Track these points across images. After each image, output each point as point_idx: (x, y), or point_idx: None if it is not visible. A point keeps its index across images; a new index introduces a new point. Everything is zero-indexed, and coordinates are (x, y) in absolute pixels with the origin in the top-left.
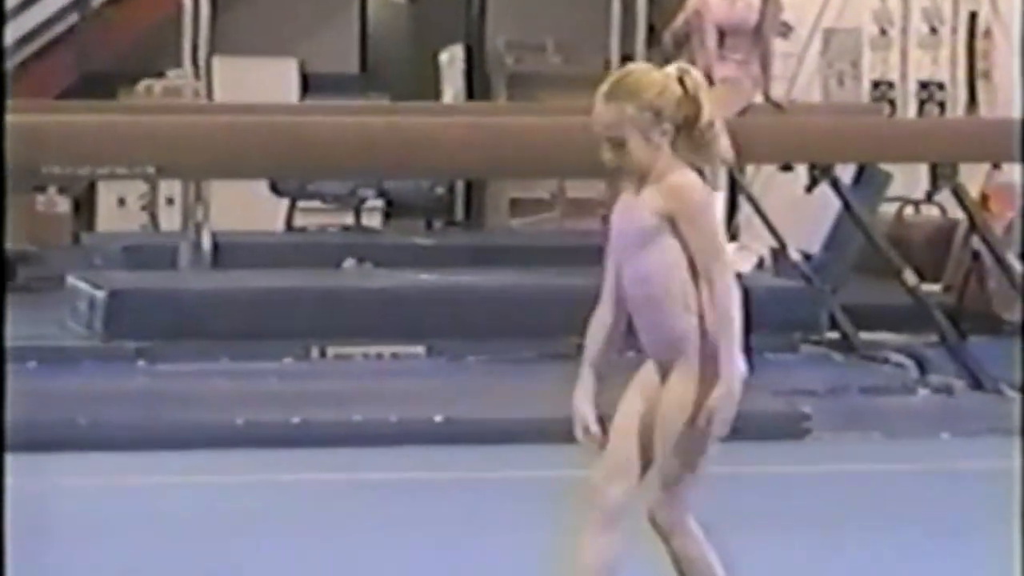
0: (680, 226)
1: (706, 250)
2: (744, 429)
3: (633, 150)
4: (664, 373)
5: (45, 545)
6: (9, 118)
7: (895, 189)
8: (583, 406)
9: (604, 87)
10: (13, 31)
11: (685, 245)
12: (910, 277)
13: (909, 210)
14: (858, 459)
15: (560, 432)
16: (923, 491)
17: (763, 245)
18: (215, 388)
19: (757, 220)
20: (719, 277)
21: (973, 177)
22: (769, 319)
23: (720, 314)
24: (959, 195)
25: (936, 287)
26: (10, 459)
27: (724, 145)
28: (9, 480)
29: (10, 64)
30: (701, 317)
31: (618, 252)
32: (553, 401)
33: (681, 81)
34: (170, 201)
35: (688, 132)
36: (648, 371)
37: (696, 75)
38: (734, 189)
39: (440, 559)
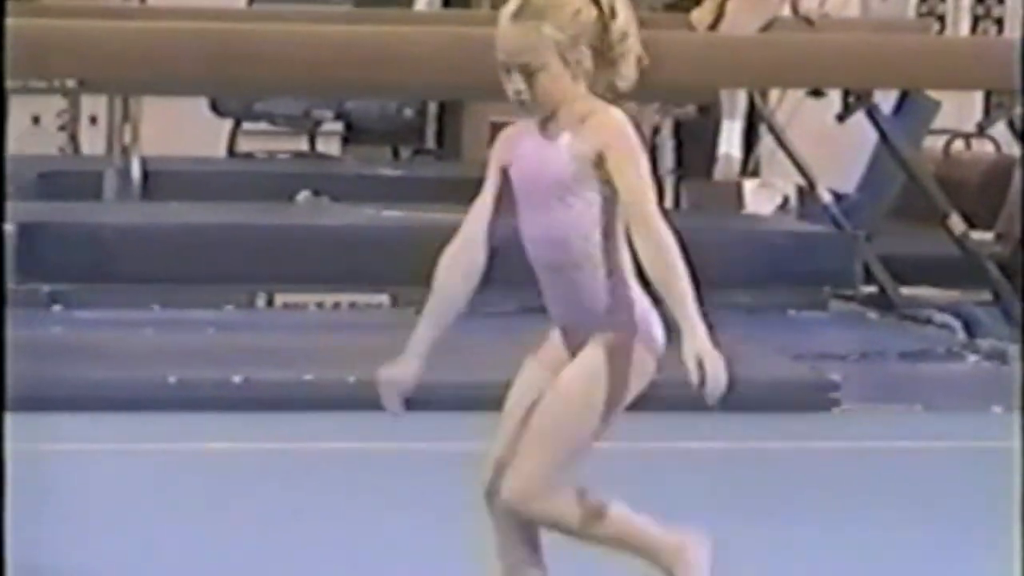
0: (610, 166)
1: (641, 193)
2: (763, 399)
3: (551, 79)
4: (577, 346)
5: None
6: None
7: (942, 120)
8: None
9: (510, 6)
10: None
11: (605, 197)
12: (958, 223)
13: (958, 145)
14: (894, 435)
15: None
16: (969, 472)
17: (787, 183)
18: (143, 340)
19: (781, 154)
20: (658, 223)
21: None
22: (793, 270)
23: (666, 265)
24: (1016, 128)
25: (988, 235)
26: None
27: (630, 63)
28: None
29: None
30: (622, 281)
31: (522, 203)
32: None
33: None
34: (93, 120)
35: (598, 50)
36: (553, 346)
37: None
38: (753, 117)
39: (408, 537)
